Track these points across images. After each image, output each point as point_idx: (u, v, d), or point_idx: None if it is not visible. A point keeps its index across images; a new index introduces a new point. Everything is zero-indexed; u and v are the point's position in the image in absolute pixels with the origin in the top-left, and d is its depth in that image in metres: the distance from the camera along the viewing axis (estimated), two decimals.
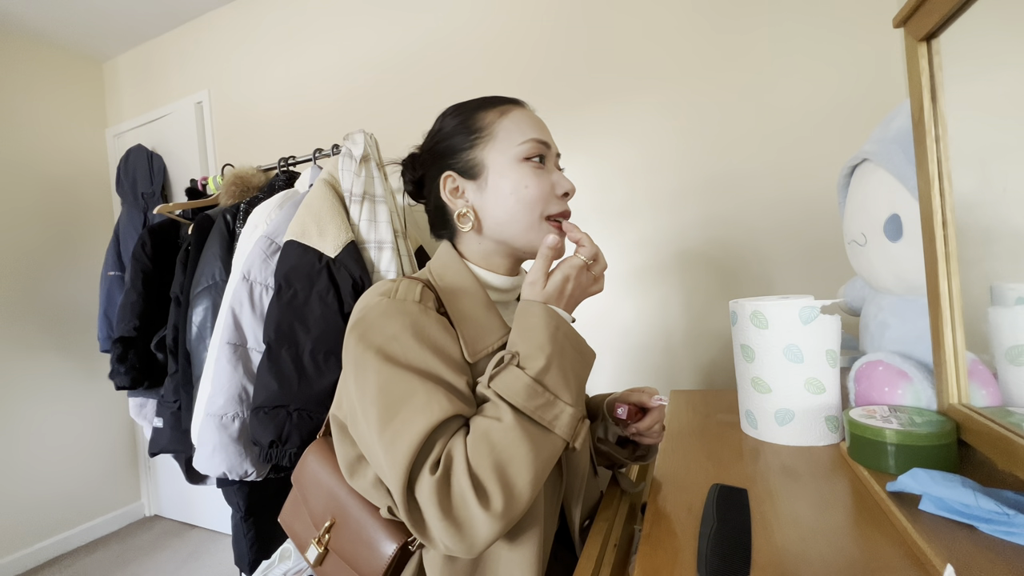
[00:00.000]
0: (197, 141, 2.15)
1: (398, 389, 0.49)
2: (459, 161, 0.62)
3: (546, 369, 0.50)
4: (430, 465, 0.46)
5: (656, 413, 0.68)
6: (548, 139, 0.63)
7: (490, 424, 0.48)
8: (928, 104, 0.54)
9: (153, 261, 1.60)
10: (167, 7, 2.08)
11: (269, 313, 1.11)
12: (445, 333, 0.55)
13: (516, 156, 0.60)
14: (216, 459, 1.14)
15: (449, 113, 0.65)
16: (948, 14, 0.49)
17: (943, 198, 0.53)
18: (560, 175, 0.63)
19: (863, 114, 1.10)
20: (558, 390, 0.51)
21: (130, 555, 2.08)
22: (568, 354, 0.53)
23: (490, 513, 0.44)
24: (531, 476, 0.46)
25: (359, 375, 0.52)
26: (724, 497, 0.52)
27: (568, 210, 0.64)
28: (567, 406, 0.51)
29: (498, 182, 0.60)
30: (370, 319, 0.54)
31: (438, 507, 0.44)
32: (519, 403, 0.49)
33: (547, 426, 0.49)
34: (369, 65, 1.75)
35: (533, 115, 0.64)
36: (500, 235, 0.62)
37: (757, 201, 1.22)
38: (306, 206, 1.19)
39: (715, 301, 1.28)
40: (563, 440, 0.51)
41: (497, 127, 0.61)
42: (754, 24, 1.21)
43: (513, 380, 0.50)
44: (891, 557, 0.40)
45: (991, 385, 0.54)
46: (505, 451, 0.46)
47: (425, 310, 0.55)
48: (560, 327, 0.53)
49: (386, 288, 0.57)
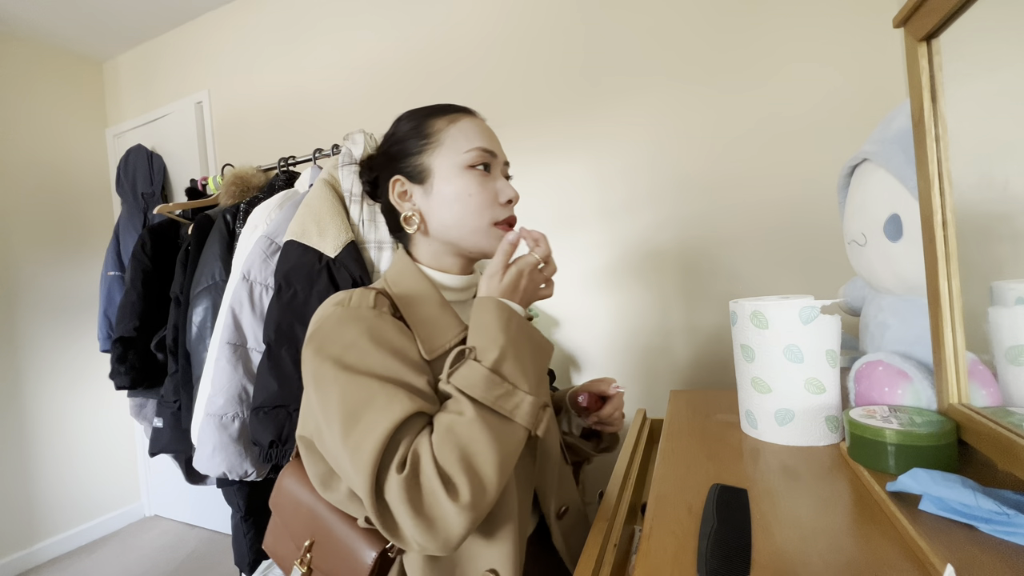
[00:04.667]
0: (197, 141, 2.15)
1: (358, 396, 0.49)
2: (408, 166, 0.64)
3: (501, 360, 0.52)
4: (396, 465, 0.46)
5: (616, 400, 0.74)
6: (495, 148, 0.65)
7: (453, 419, 0.49)
8: (928, 104, 0.54)
9: (153, 261, 1.61)
10: (167, 7, 2.08)
11: (269, 313, 1.12)
12: (402, 335, 0.56)
13: (461, 163, 0.62)
14: (216, 459, 1.14)
15: (403, 118, 0.67)
16: (948, 14, 0.49)
17: (943, 198, 0.53)
18: (504, 183, 0.65)
19: (863, 114, 1.10)
20: (516, 379, 0.52)
21: (130, 555, 2.08)
22: (524, 345, 0.55)
23: (459, 505, 0.45)
24: (496, 465, 0.48)
25: (319, 388, 0.52)
26: (724, 497, 0.52)
27: (513, 216, 0.66)
28: (526, 395, 0.52)
29: (443, 188, 0.62)
30: (325, 330, 0.55)
31: (408, 505, 0.45)
32: (478, 395, 0.50)
33: (508, 415, 0.51)
34: (369, 65, 1.76)
35: (482, 124, 0.66)
36: (446, 237, 0.64)
37: (756, 201, 1.22)
38: (306, 206, 1.19)
39: (715, 301, 1.28)
40: (525, 428, 0.52)
41: (445, 135, 0.63)
42: (754, 24, 1.21)
43: (471, 373, 0.51)
44: (891, 557, 0.40)
45: (991, 385, 0.54)
46: (470, 443, 0.47)
47: (380, 315, 0.56)
48: (513, 319, 0.55)
49: (340, 298, 0.58)
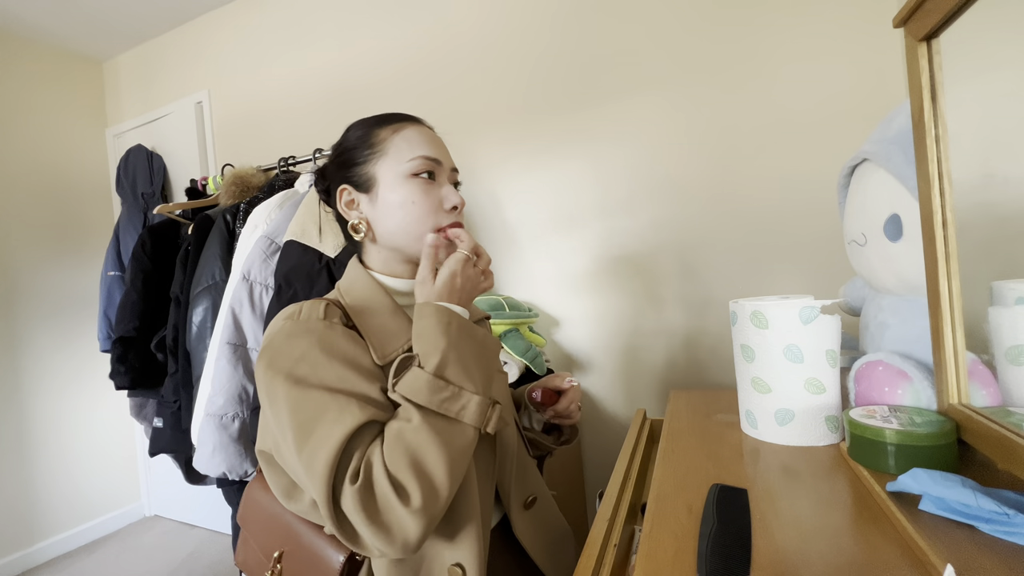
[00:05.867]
0: (197, 141, 2.15)
1: (309, 409, 0.50)
2: (354, 175, 0.65)
3: (444, 364, 0.52)
4: (350, 475, 0.47)
5: (571, 393, 0.76)
6: (440, 156, 0.65)
7: (401, 425, 0.50)
8: (928, 104, 0.54)
9: (153, 261, 1.61)
10: (167, 7, 2.08)
11: (269, 313, 1.12)
12: (354, 344, 0.56)
13: (405, 172, 0.62)
14: (216, 459, 1.14)
15: (351, 127, 0.68)
16: (948, 14, 0.49)
17: (943, 198, 0.53)
18: (450, 189, 0.65)
19: (863, 114, 1.10)
20: (461, 381, 0.52)
21: (130, 555, 2.08)
22: (466, 346, 0.54)
23: (411, 509, 0.46)
24: (446, 468, 0.48)
25: (272, 403, 0.53)
26: (724, 497, 0.52)
27: (458, 222, 0.66)
28: (473, 395, 0.52)
29: (387, 196, 0.63)
30: (276, 344, 0.55)
31: (364, 514, 0.46)
32: (423, 400, 0.50)
33: (455, 417, 0.51)
34: (369, 65, 1.76)
35: (427, 132, 0.67)
36: (392, 244, 0.64)
37: (756, 201, 1.22)
38: (306, 206, 1.19)
39: (715, 301, 1.28)
40: (474, 428, 0.52)
41: (389, 144, 0.64)
42: (753, 24, 1.21)
43: (414, 380, 0.51)
44: (891, 557, 0.40)
45: (991, 385, 0.54)
46: (418, 448, 0.48)
47: (331, 325, 0.57)
48: (453, 322, 0.55)
49: (290, 312, 0.58)
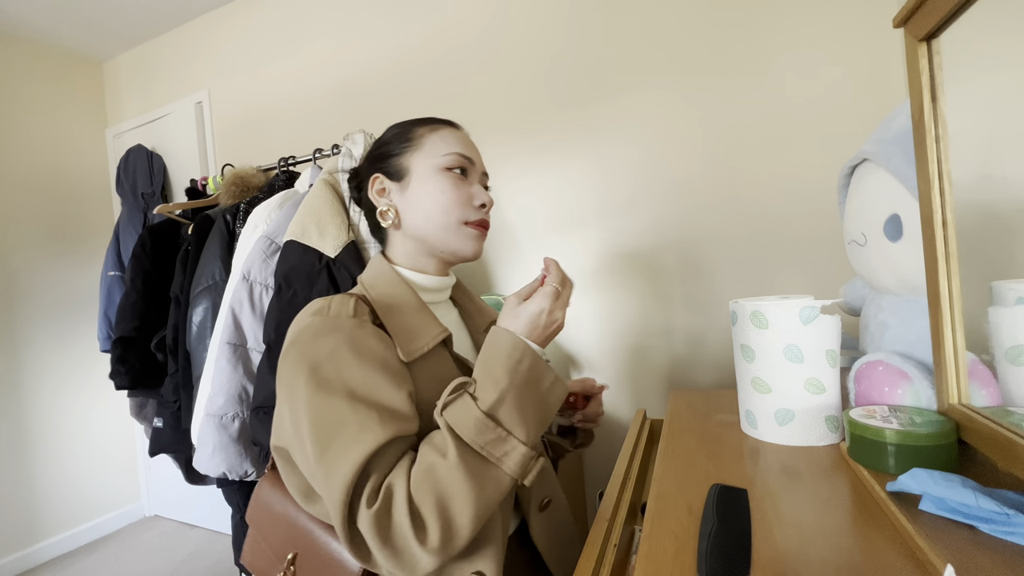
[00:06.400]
0: (197, 141, 2.15)
1: (329, 417, 0.48)
2: (388, 165, 0.66)
3: (499, 403, 0.49)
4: (367, 497, 0.46)
5: (598, 397, 0.77)
6: (473, 156, 0.66)
7: (435, 460, 0.47)
8: (928, 104, 0.54)
9: (153, 261, 1.61)
10: (167, 7, 2.08)
11: (269, 313, 1.12)
12: (381, 343, 0.55)
13: (438, 165, 0.63)
14: (216, 459, 1.14)
15: (390, 127, 0.70)
16: (948, 14, 0.49)
17: (943, 198, 0.53)
18: (480, 189, 0.66)
19: (863, 114, 1.10)
20: (511, 426, 0.49)
21: (130, 555, 2.08)
22: (530, 391, 0.51)
23: (427, 548, 0.45)
24: (472, 515, 0.46)
25: (293, 404, 0.51)
26: (724, 497, 0.52)
27: (485, 220, 0.66)
28: (520, 444, 0.49)
29: (419, 186, 0.64)
30: (303, 341, 0.53)
31: (377, 538, 0.45)
32: (467, 437, 0.48)
33: (495, 462, 0.48)
34: (369, 65, 1.75)
35: (464, 135, 0.68)
36: (417, 233, 0.64)
37: (757, 201, 1.22)
38: (306, 206, 1.19)
39: (715, 301, 1.28)
40: (511, 478, 0.49)
41: (425, 140, 0.65)
42: (754, 24, 1.21)
43: (464, 413, 0.49)
44: (891, 557, 0.40)
45: (991, 385, 0.54)
46: (447, 488, 0.46)
47: (360, 323, 0.55)
48: (524, 361, 0.52)
49: (319, 307, 0.57)
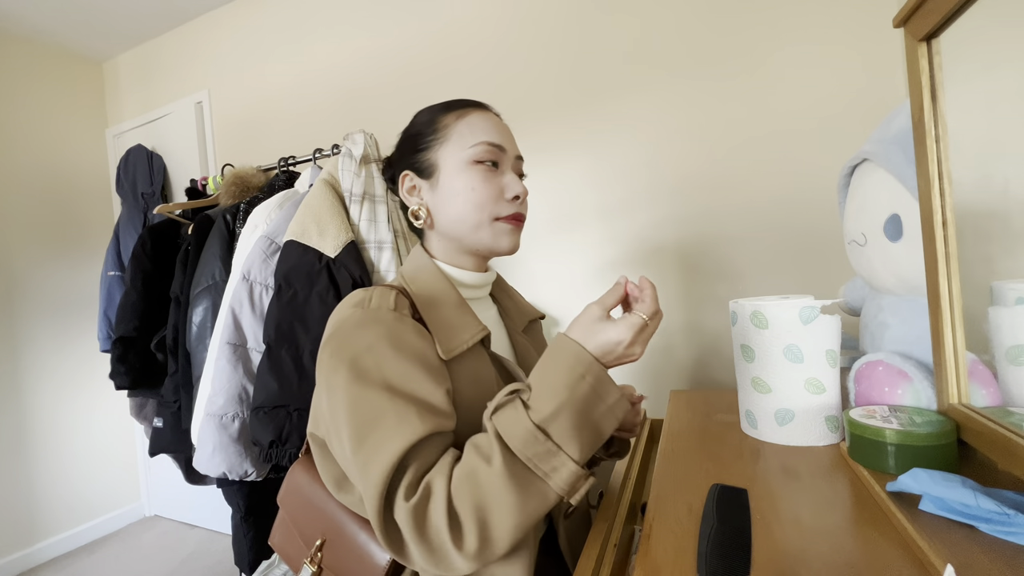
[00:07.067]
0: (197, 141, 2.15)
1: (368, 409, 0.48)
2: (417, 161, 0.64)
3: (553, 417, 0.46)
4: (405, 490, 0.45)
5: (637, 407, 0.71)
6: (503, 142, 0.63)
7: (479, 465, 0.46)
8: (928, 104, 0.54)
9: (153, 261, 1.60)
10: (167, 7, 2.08)
11: (269, 313, 1.12)
12: (421, 339, 0.54)
13: (467, 159, 0.61)
14: (216, 459, 1.14)
15: (419, 113, 0.67)
16: (948, 14, 0.49)
17: (943, 198, 0.53)
18: (513, 178, 0.63)
19: (863, 114, 1.10)
20: (563, 442, 0.46)
21: (130, 555, 2.08)
22: (591, 406, 0.48)
23: (463, 553, 0.44)
24: (512, 525, 0.45)
25: (331, 394, 0.51)
26: (724, 497, 0.52)
27: (520, 212, 0.63)
28: (570, 460, 0.46)
29: (448, 183, 0.62)
30: (344, 332, 0.53)
31: (414, 532, 0.44)
32: (514, 446, 0.46)
33: (542, 476, 0.46)
34: (369, 65, 1.75)
35: (492, 118, 0.65)
36: (450, 232, 0.63)
37: (756, 200, 1.22)
38: (306, 206, 1.19)
39: (715, 301, 1.28)
40: (556, 494, 0.46)
41: (452, 130, 0.62)
42: (754, 24, 1.21)
43: (514, 422, 0.47)
44: (891, 557, 0.40)
45: (991, 385, 0.54)
46: (488, 496, 0.44)
47: (401, 317, 0.54)
48: (587, 377, 0.48)
49: (359, 298, 0.56)
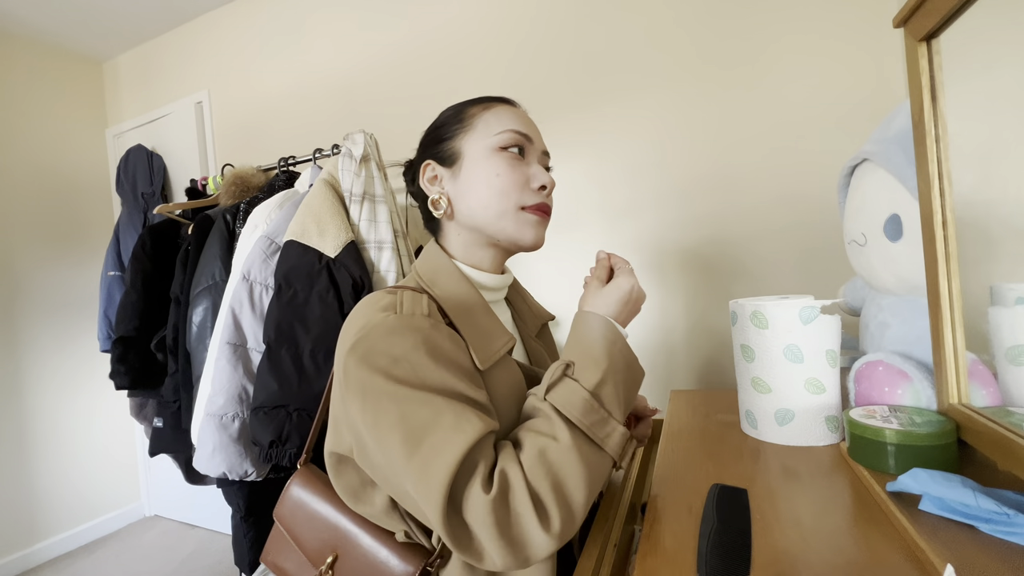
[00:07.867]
0: (197, 141, 2.15)
1: (420, 412, 0.46)
2: (439, 151, 0.63)
3: (602, 384, 0.49)
4: (482, 484, 0.44)
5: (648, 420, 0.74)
6: (531, 134, 0.62)
7: (547, 443, 0.47)
8: (928, 104, 0.54)
9: (153, 261, 1.60)
10: (167, 7, 2.08)
11: (269, 313, 1.12)
12: (457, 348, 0.52)
13: (492, 145, 0.60)
14: (216, 459, 1.14)
15: (444, 110, 0.67)
16: (948, 14, 0.49)
17: (943, 198, 0.53)
18: (539, 169, 0.61)
19: (863, 114, 1.10)
20: (612, 407, 0.49)
21: (130, 555, 2.08)
22: (622, 371, 0.52)
23: (550, 534, 0.44)
24: (586, 496, 0.46)
25: (367, 401, 0.48)
26: (724, 497, 0.52)
27: (546, 203, 0.62)
28: (618, 424, 0.49)
29: (472, 170, 0.60)
30: (373, 338, 0.49)
31: (495, 527, 0.43)
32: (576, 418, 0.47)
33: (599, 444, 0.48)
34: (370, 65, 1.75)
35: (519, 111, 0.64)
36: (472, 222, 0.61)
37: (757, 201, 1.22)
38: (306, 206, 1.19)
39: (715, 301, 1.28)
40: (612, 459, 0.49)
41: (478, 119, 0.62)
42: (755, 24, 1.21)
43: (570, 394, 0.48)
44: (891, 557, 0.40)
45: (991, 385, 0.54)
46: (562, 470, 0.45)
47: (436, 324, 0.52)
48: (617, 341, 0.52)
49: (388, 302, 0.53)
